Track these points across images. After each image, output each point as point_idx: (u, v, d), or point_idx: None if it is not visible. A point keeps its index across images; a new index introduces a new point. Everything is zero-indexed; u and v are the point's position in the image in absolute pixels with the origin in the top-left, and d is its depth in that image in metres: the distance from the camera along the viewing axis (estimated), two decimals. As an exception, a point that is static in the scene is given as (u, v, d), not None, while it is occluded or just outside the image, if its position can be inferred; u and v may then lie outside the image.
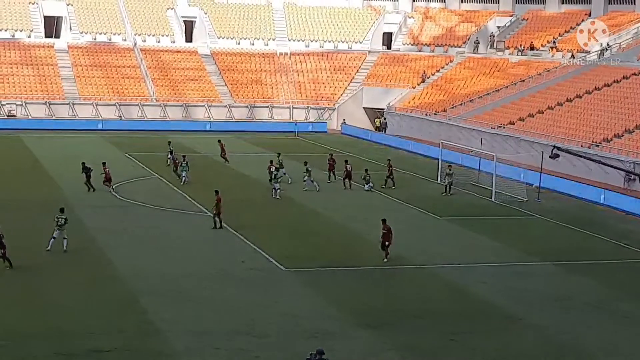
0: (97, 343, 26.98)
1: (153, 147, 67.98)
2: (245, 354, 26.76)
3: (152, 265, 36.12)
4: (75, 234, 40.24)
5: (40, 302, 30.77)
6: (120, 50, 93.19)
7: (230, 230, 42.53)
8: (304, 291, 33.34)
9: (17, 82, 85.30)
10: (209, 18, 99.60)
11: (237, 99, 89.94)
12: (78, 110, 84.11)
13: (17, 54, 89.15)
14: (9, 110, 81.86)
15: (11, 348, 26.31)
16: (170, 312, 30.19)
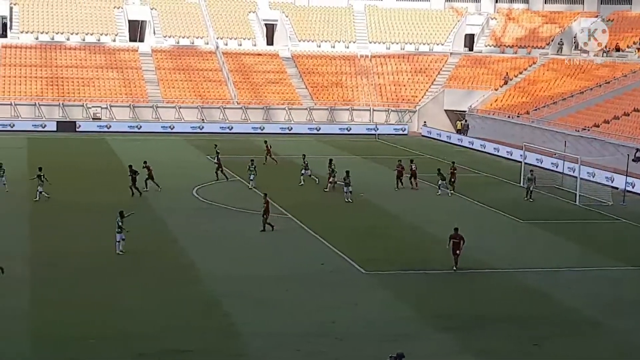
0: (178, 344, 27.24)
1: (234, 149, 68.45)
2: (325, 356, 26.73)
3: (232, 267, 36.33)
4: (157, 236, 40.82)
5: (124, 304, 31.18)
6: (202, 53, 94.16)
7: (310, 233, 42.58)
8: (383, 294, 33.19)
9: (102, 85, 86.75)
10: (289, 21, 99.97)
11: (318, 101, 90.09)
12: (161, 113, 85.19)
13: (103, 57, 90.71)
14: (95, 113, 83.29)
15: (96, 348, 26.71)
16: (251, 314, 30.32)
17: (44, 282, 33.31)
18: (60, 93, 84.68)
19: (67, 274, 34.56)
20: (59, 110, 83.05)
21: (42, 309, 30.19)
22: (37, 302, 30.89)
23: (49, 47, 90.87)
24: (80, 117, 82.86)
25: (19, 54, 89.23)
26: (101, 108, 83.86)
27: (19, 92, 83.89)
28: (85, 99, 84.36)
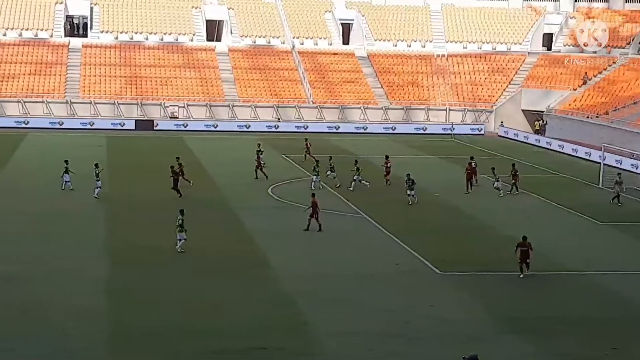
0: (251, 342, 27.39)
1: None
2: (398, 356, 26.64)
3: (307, 266, 36.42)
4: (234, 234, 41.11)
5: (198, 301, 31.46)
6: (278, 53, 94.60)
7: (384, 233, 42.46)
8: (459, 295, 32.93)
9: (180, 84, 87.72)
10: (366, 20, 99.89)
11: (393, 101, 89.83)
12: (237, 112, 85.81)
13: (180, 57, 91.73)
14: (172, 112, 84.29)
15: (167, 345, 27.00)
16: (325, 313, 30.35)
17: (121, 280, 33.77)
18: (138, 92, 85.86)
19: (144, 271, 34.99)
20: (137, 109, 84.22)
21: (120, 306, 30.61)
22: (115, 299, 31.33)
23: (128, 47, 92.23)
24: (158, 116, 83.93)
25: (99, 54, 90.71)
26: (178, 107, 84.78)
27: (98, 91, 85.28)
28: (163, 97, 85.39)
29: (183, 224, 37.63)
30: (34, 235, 40.03)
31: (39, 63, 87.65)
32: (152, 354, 26.26)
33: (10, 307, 29.78)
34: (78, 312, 29.64)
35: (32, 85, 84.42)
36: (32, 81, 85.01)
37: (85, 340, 27.00)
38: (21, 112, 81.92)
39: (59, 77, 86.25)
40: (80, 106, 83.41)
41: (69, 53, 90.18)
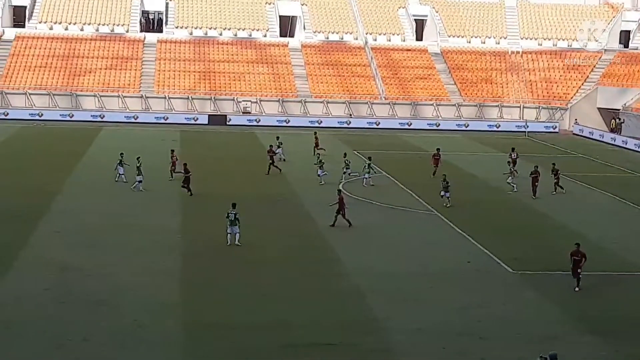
0: (321, 337, 27.43)
1: (381, 145, 68.41)
2: (470, 355, 26.44)
3: (378, 262, 36.32)
4: (304, 230, 41.16)
5: (268, 295, 31.60)
6: (351, 49, 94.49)
7: (456, 230, 42.16)
8: (531, 294, 32.54)
9: (253, 80, 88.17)
10: (440, 16, 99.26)
11: (466, 97, 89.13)
12: (309, 107, 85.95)
13: (253, 52, 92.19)
14: (245, 107, 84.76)
15: (238, 338, 27.16)
16: (395, 310, 30.26)
17: (194, 273, 34.07)
18: (212, 87, 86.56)
19: (217, 264, 35.25)
20: (210, 104, 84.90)
21: (192, 299, 30.89)
22: (188, 292, 31.63)
23: (202, 42, 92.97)
24: (230, 111, 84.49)
25: (173, 49, 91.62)
26: (251, 102, 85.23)
27: (173, 85, 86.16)
28: (236, 93, 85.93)
29: (236, 218, 37.70)
30: (108, 227, 40.61)
31: (114, 58, 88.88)
32: (223, 347, 26.44)
33: (84, 299, 30.25)
34: (152, 304, 30.00)
35: (108, 80, 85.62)
36: (108, 76, 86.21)
37: (158, 332, 27.33)
38: (97, 106, 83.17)
39: (134, 72, 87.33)
40: (154, 101, 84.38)
41: (144, 48, 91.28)
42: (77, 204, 45.33)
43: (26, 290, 30.84)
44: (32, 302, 29.60)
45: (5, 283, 31.56)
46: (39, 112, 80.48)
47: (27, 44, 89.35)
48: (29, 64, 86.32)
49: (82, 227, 40.51)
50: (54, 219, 41.76)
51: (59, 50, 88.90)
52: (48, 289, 31.10)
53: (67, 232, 39.36)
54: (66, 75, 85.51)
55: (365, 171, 53.19)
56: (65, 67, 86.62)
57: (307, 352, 26.26)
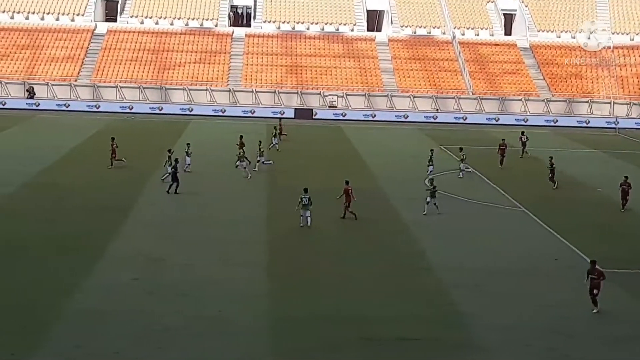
0: (404, 331, 27.34)
1: (468, 140, 67.87)
2: (556, 352, 26.09)
3: (462, 257, 36.05)
4: (390, 224, 41.08)
5: (353, 288, 31.62)
6: (438, 43, 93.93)
7: (544, 227, 41.60)
8: (619, 293, 31.90)
9: (339, 74, 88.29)
10: (529, 11, 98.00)
11: (555, 93, 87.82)
12: (395, 102, 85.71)
13: (341, 47, 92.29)
14: (331, 101, 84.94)
15: (322, 331, 27.25)
16: (480, 306, 30.00)
17: (280, 265, 34.28)
18: (298, 81, 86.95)
19: (303, 256, 35.42)
20: (297, 98, 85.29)
21: (278, 290, 31.09)
22: (274, 283, 31.85)
23: (290, 36, 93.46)
24: (317, 105, 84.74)
25: (261, 43, 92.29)
26: (337, 96, 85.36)
27: (260, 79, 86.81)
28: (323, 87, 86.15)
29: (310, 201, 39.15)
30: (195, 218, 41.13)
31: (203, 52, 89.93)
32: (307, 339, 26.55)
33: (171, 289, 30.70)
34: (236, 295, 30.28)
35: (197, 74, 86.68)
36: (197, 69, 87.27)
37: (242, 323, 27.56)
38: (186, 99, 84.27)
39: (222, 66, 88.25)
40: (242, 94, 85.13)
41: (233, 42, 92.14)
42: (165, 195, 45.96)
43: (115, 280, 31.43)
44: (121, 292, 30.15)
45: (95, 273, 32.20)
46: (129, 105, 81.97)
47: (119, 38, 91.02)
48: (120, 58, 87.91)
49: (169, 218, 41.09)
50: (143, 211, 42.45)
51: (149, 44, 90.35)
52: (136, 279, 31.64)
53: (155, 224, 39.96)
54: (156, 69, 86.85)
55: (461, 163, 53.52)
56: (155, 60, 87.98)
57: (390, 347, 26.21)
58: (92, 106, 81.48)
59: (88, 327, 26.83)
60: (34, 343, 25.28)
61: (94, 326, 26.88)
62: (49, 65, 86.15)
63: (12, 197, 44.36)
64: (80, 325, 26.96)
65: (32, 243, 35.75)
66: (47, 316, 27.47)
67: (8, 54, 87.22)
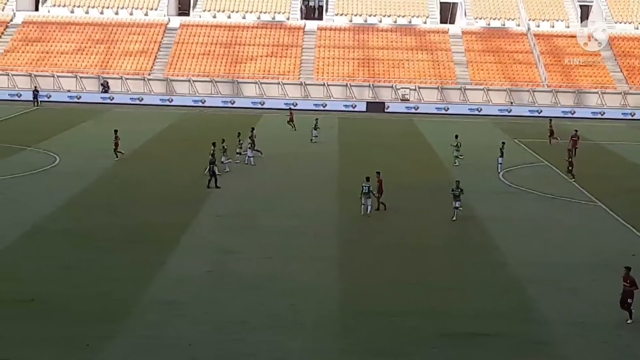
0: (479, 327, 27.00)
1: (543, 133, 66.80)
2: (634, 351, 25.48)
3: (538, 253, 35.49)
4: (463, 218, 40.60)
5: (426, 282, 31.35)
6: (513, 35, 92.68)
7: (620, 222, 40.76)
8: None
9: (412, 67, 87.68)
10: (606, 2, 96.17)
11: (633, 85, 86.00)
12: (469, 95, 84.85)
13: (413, 39, 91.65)
14: (403, 95, 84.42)
15: (394, 325, 27.00)
16: (555, 301, 29.51)
17: (353, 259, 34.12)
18: (370, 74, 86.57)
19: (375, 251, 35.20)
20: (368, 91, 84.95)
21: (349, 284, 30.93)
22: (345, 277, 31.71)
23: (362, 29, 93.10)
24: (389, 98, 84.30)
25: (333, 36, 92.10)
26: (409, 89, 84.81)
27: (331, 73, 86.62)
28: (395, 80, 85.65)
29: (370, 191, 39.57)
30: (267, 211, 41.18)
31: (275, 45, 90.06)
32: (379, 333, 26.34)
33: (243, 282, 30.74)
34: (308, 288, 30.21)
35: (269, 67, 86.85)
36: (269, 63, 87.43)
37: (314, 316, 27.48)
38: (257, 93, 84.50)
39: (294, 59, 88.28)
40: (313, 88, 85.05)
41: (304, 35, 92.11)
42: (237, 188, 46.12)
43: (188, 271, 31.60)
44: (194, 284, 30.29)
45: (169, 264, 32.44)
46: (201, 99, 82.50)
47: (191, 32, 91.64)
48: (192, 52, 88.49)
49: (241, 211, 41.19)
50: (215, 203, 42.63)
51: (222, 38, 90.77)
52: (209, 271, 31.77)
53: (227, 216, 40.10)
54: (228, 63, 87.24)
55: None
56: (227, 54, 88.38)
57: (464, 342, 25.89)
58: (165, 100, 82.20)
59: (162, 318, 27.00)
60: (109, 333, 25.52)
61: (168, 317, 27.05)
62: (123, 59, 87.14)
63: (87, 189, 44.93)
64: (155, 316, 27.16)
65: (107, 235, 36.16)
66: (122, 307, 27.74)
67: (83, 49, 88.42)
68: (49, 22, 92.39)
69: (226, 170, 49.37)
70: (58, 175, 47.97)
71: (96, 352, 24.30)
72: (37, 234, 36.08)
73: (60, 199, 42.31)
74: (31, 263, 32.18)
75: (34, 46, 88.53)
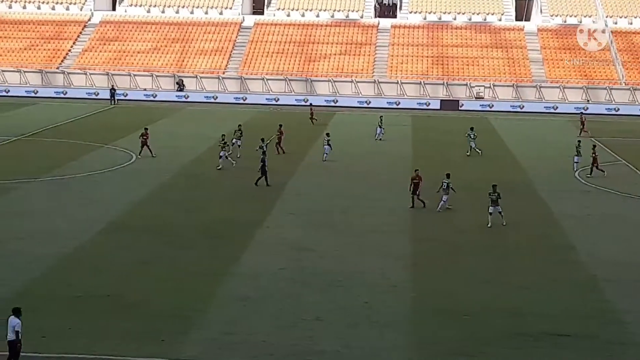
0: (559, 327, 26.59)
1: (621, 131, 65.81)
2: None
3: (616, 252, 34.90)
4: (539, 217, 40.16)
5: (501, 282, 31.02)
6: (590, 32, 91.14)
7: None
8: None
9: (487, 64, 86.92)
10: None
11: None
12: (544, 93, 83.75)
13: (488, 37, 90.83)
14: (477, 92, 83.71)
15: (469, 324, 26.75)
16: (636, 302, 28.90)
17: (427, 257, 33.94)
18: (444, 72, 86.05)
19: (450, 249, 34.95)
20: (442, 89, 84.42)
21: (423, 282, 30.76)
22: (419, 275, 31.55)
23: (436, 27, 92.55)
24: (463, 96, 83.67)
25: (407, 34, 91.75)
26: (484, 87, 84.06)
27: (405, 70, 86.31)
28: (469, 77, 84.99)
29: (449, 187, 39.32)
30: (340, 208, 41.16)
31: (348, 43, 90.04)
32: (453, 333, 26.10)
33: (317, 278, 30.75)
34: (382, 286, 30.10)
35: (342, 65, 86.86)
36: (342, 61, 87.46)
37: (388, 314, 27.36)
38: (331, 91, 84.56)
39: (367, 57, 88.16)
40: (386, 86, 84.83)
41: (378, 33, 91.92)
42: (310, 186, 46.22)
43: (263, 268, 31.72)
44: (269, 280, 30.39)
45: (244, 260, 32.62)
46: (275, 97, 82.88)
47: (265, 30, 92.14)
48: (266, 50, 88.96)
49: (314, 208, 41.24)
50: (288, 201, 42.76)
51: (295, 36, 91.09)
52: (283, 268, 31.84)
53: (300, 213, 40.18)
54: (301, 61, 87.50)
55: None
56: (300, 52, 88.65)
57: (540, 343, 25.49)
58: (239, 98, 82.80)
59: (237, 314, 27.14)
60: (184, 328, 25.72)
61: (243, 313, 27.17)
62: (197, 58, 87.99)
63: (164, 186, 45.46)
64: (230, 312, 27.30)
65: (183, 231, 36.53)
66: (197, 302, 27.95)
67: (159, 48, 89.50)
68: (126, 21, 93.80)
69: (219, 167, 49.62)
70: (134, 172, 48.62)
71: (173, 346, 24.51)
72: (114, 230, 36.59)
73: (137, 195, 42.90)
74: (109, 258, 32.64)
75: (111, 45, 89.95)
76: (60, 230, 36.24)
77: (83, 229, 36.35)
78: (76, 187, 44.74)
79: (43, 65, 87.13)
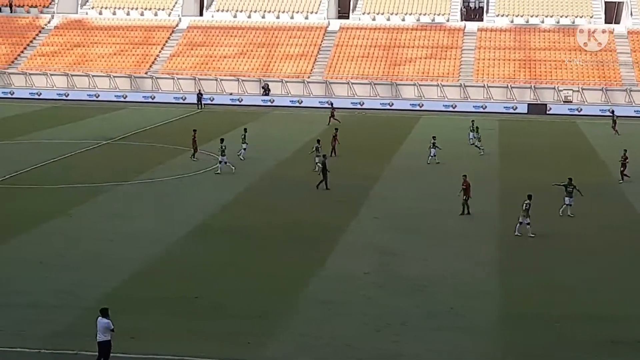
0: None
1: None
2: None
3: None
4: (627, 221, 39.50)
5: (591, 286, 30.51)
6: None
7: None
8: None
9: (575, 68, 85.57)
10: None
11: None
12: (635, 97, 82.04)
13: (576, 40, 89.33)
14: (566, 96, 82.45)
15: (558, 330, 26.28)
16: None
17: (513, 261, 33.53)
18: (532, 75, 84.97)
19: (536, 253, 34.48)
20: (530, 93, 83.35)
21: (510, 288, 30.38)
22: (506, 281, 31.16)
23: (523, 30, 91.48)
24: (551, 100, 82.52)
25: (493, 37, 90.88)
26: (573, 91, 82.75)
27: (492, 74, 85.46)
28: (557, 81, 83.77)
29: (529, 209, 36.60)
30: (425, 212, 40.95)
31: (434, 47, 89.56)
32: (541, 338, 25.68)
33: (402, 283, 30.64)
34: (468, 291, 29.82)
35: (427, 69, 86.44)
36: (428, 65, 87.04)
37: (474, 320, 27.05)
38: (416, 95, 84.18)
39: (453, 61, 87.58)
40: (472, 89, 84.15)
41: (464, 37, 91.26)
42: (395, 190, 46.08)
43: (348, 272, 31.68)
44: (353, 284, 30.33)
45: (328, 264, 32.64)
46: (360, 101, 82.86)
47: (351, 34, 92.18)
48: (351, 54, 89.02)
49: (400, 212, 41.08)
50: (374, 205, 42.67)
51: (381, 40, 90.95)
52: (368, 272, 31.75)
53: (385, 218, 40.05)
54: (387, 65, 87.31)
55: None
56: (386, 56, 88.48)
57: (637, 353, 24.85)
58: (324, 102, 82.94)
59: (322, 317, 27.15)
60: (269, 330, 25.81)
61: (328, 317, 27.17)
62: (283, 62, 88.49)
63: (249, 189, 45.81)
64: (314, 315, 27.34)
65: (268, 233, 36.74)
66: (282, 304, 28.04)
67: (245, 52, 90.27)
68: (213, 26, 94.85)
69: (217, 172, 49.41)
70: (220, 175, 49.02)
71: (258, 348, 24.62)
72: (201, 232, 36.98)
73: (222, 198, 43.32)
74: (195, 261, 32.99)
75: (198, 50, 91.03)
76: (149, 232, 36.80)
77: (171, 231, 36.83)
78: (164, 190, 45.37)
79: (132, 71, 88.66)
